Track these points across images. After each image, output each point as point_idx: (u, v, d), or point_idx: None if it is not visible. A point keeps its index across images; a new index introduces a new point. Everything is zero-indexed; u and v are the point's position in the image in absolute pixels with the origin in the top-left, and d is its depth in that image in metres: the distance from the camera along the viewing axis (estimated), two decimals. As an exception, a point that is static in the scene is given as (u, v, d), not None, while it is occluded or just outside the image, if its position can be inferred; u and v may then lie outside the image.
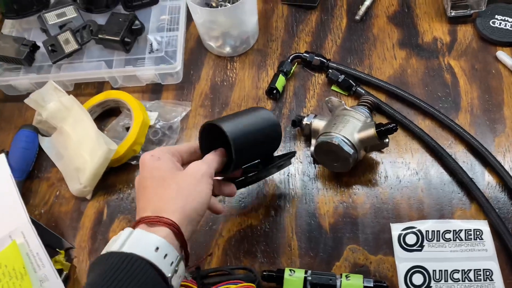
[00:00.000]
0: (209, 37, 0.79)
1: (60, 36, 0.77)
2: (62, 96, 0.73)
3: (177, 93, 0.79)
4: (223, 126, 0.51)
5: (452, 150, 0.68)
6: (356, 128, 0.63)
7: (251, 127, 0.54)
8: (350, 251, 0.62)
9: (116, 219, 0.68)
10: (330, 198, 0.66)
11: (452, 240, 0.61)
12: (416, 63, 0.76)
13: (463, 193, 0.65)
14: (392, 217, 0.64)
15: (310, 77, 0.78)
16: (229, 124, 0.52)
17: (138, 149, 0.71)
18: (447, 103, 0.72)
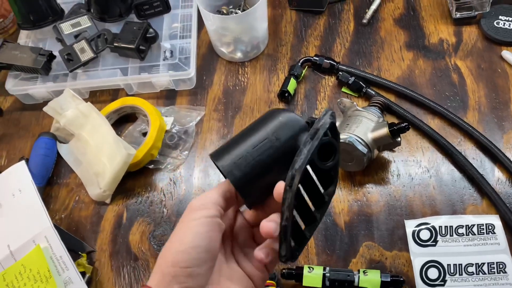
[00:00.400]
0: (220, 43, 0.81)
1: (75, 45, 0.79)
2: (80, 103, 0.75)
3: (190, 98, 0.80)
4: (219, 162, 0.40)
5: (462, 148, 0.69)
6: (369, 128, 0.65)
7: (266, 145, 0.39)
8: (366, 247, 0.64)
9: (136, 222, 0.70)
10: (344, 197, 0.68)
11: (465, 234, 0.62)
12: (423, 64, 0.78)
13: (474, 189, 0.66)
14: (405, 214, 0.65)
15: (320, 79, 0.80)
16: (230, 154, 0.40)
17: (155, 153, 0.73)
18: (455, 102, 0.74)
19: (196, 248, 0.38)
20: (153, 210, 0.70)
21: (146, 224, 0.69)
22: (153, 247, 0.67)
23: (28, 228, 0.66)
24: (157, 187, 0.72)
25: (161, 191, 0.72)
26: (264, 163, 0.39)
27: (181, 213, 0.68)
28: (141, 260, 0.66)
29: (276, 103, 0.78)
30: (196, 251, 0.38)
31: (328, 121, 0.39)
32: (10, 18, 0.92)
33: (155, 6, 0.82)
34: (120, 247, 0.68)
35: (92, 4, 0.82)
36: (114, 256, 0.67)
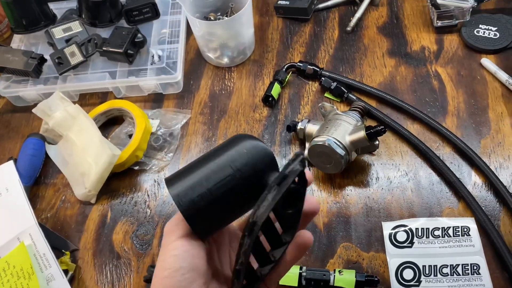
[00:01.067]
0: (208, 49, 0.83)
1: (66, 49, 0.82)
2: (68, 105, 0.77)
3: (177, 101, 0.82)
4: (171, 188, 0.37)
5: (440, 152, 0.71)
6: (347, 131, 0.66)
7: (225, 176, 0.36)
8: (343, 248, 0.65)
9: (119, 222, 0.71)
10: (324, 198, 0.69)
11: (440, 236, 0.64)
12: (405, 70, 0.80)
13: (451, 193, 0.67)
14: (383, 216, 0.67)
15: (304, 85, 0.81)
16: (184, 180, 0.37)
17: (140, 155, 0.75)
18: (435, 108, 0.76)
19: (178, 270, 0.37)
20: (136, 210, 0.72)
21: (129, 223, 0.71)
22: (135, 246, 0.69)
23: (13, 226, 0.68)
24: (142, 188, 0.74)
25: (145, 192, 0.73)
26: (219, 195, 0.36)
27: (164, 214, 0.71)
28: (123, 259, 0.67)
29: (260, 107, 0.80)
30: (180, 273, 0.37)
31: (298, 168, 0.36)
32: (5, 23, 0.95)
33: (144, 12, 0.84)
34: (104, 246, 0.69)
35: (83, 10, 0.84)
36: (97, 254, 0.68)
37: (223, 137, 0.77)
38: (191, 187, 0.36)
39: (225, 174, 0.36)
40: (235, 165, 0.36)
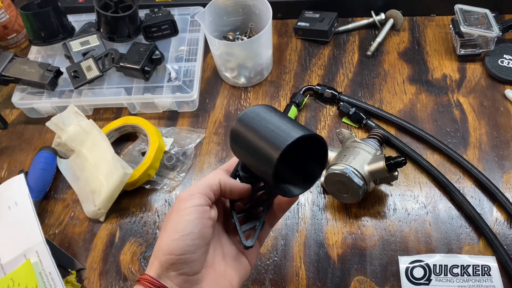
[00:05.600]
0: (225, 68, 0.82)
1: (83, 63, 0.81)
2: (82, 120, 0.76)
3: (192, 120, 0.81)
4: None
5: (460, 185, 0.69)
6: (366, 160, 0.64)
7: None
8: (357, 282, 0.62)
9: (128, 242, 0.69)
10: (339, 229, 0.67)
11: (459, 275, 0.61)
12: (425, 98, 0.78)
13: (471, 228, 0.65)
14: (400, 250, 0.64)
15: (321, 109, 0.80)
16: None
17: (152, 174, 0.73)
18: (455, 139, 0.74)
19: (189, 235, 0.41)
20: (146, 230, 0.70)
21: (138, 244, 0.69)
22: (143, 268, 0.67)
23: (20, 241, 0.66)
24: (152, 207, 0.72)
25: (156, 212, 0.72)
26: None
27: (174, 236, 0.69)
28: (130, 281, 0.66)
29: (276, 129, 0.78)
30: (190, 238, 0.41)
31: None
32: (23, 33, 0.95)
33: (163, 29, 0.84)
34: (110, 266, 0.68)
35: (102, 24, 0.84)
36: (103, 275, 0.67)
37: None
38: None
39: None
40: None
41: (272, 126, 0.42)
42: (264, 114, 0.44)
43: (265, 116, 0.43)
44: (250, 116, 0.44)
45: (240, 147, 0.44)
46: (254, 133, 0.42)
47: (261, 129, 0.42)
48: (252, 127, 0.43)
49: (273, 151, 0.40)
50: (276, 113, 0.44)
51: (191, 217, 0.41)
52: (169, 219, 0.43)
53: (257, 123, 0.43)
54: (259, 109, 0.45)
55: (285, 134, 0.40)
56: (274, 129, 0.41)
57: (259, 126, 0.42)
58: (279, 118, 0.43)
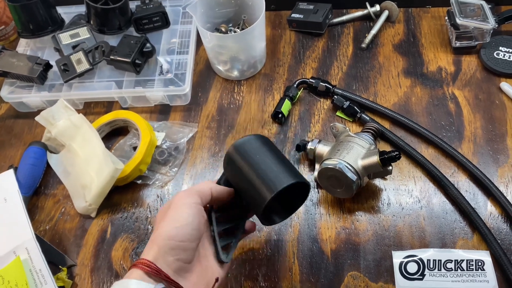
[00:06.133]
0: (217, 61, 0.81)
1: (72, 56, 0.80)
2: (72, 114, 0.75)
3: (184, 114, 0.80)
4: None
5: (455, 179, 0.68)
6: (359, 154, 0.63)
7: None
8: (351, 277, 0.62)
9: (119, 238, 0.69)
10: (332, 223, 0.66)
11: (453, 270, 0.61)
12: (420, 91, 0.78)
13: (465, 223, 0.65)
14: (393, 245, 0.64)
15: (315, 102, 0.79)
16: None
17: (144, 169, 0.72)
18: (450, 132, 0.73)
19: (189, 225, 0.46)
20: (138, 226, 0.69)
21: (129, 240, 0.68)
22: (135, 264, 0.66)
23: (10, 238, 0.66)
24: (144, 203, 0.71)
25: (147, 208, 0.71)
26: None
27: (166, 231, 0.68)
28: (121, 277, 0.65)
29: (269, 123, 0.77)
30: (190, 228, 0.46)
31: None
32: (12, 25, 0.93)
33: (154, 21, 0.82)
34: (102, 262, 0.67)
35: (92, 16, 0.82)
36: (95, 271, 0.66)
37: (230, 153, 0.75)
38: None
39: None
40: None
41: (268, 166, 0.49)
42: (261, 148, 0.51)
43: (262, 151, 0.51)
44: (248, 147, 0.51)
45: (234, 174, 0.51)
46: (250, 167, 0.49)
47: (257, 165, 0.49)
48: (249, 160, 0.50)
49: (266, 192, 0.47)
50: (271, 149, 0.52)
51: (191, 211, 0.47)
52: (168, 211, 0.47)
53: (255, 157, 0.50)
54: (255, 142, 0.52)
55: (279, 178, 0.48)
56: (269, 170, 0.49)
57: (256, 161, 0.50)
58: (274, 157, 0.50)
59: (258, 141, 0.52)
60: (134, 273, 0.44)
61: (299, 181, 0.49)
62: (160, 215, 0.49)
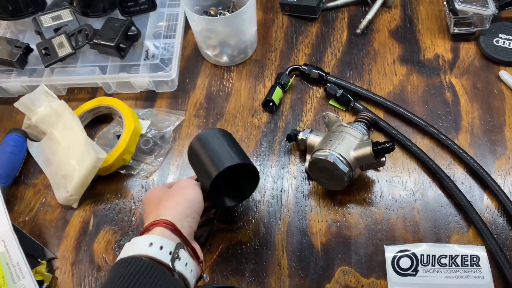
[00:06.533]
0: (206, 46, 0.78)
1: (54, 40, 0.76)
2: (53, 101, 0.71)
3: (171, 101, 0.77)
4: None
5: (451, 171, 0.66)
6: (352, 145, 0.61)
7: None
8: (341, 272, 0.60)
9: (102, 230, 0.66)
10: (323, 216, 0.64)
11: (447, 265, 0.59)
12: (416, 80, 0.75)
13: (461, 217, 0.62)
14: (386, 239, 0.62)
15: (308, 90, 0.76)
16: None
17: (128, 158, 0.69)
18: (447, 122, 0.70)
19: (200, 201, 0.53)
20: (121, 218, 0.67)
21: (112, 232, 0.66)
22: (118, 257, 0.64)
23: (-14, 230, 0.63)
24: (128, 194, 0.69)
25: (132, 199, 0.68)
26: None
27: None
28: (104, 271, 0.63)
29: (260, 112, 0.74)
30: (199, 202, 0.53)
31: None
32: (-9, 7, 0.88)
33: (140, 3, 0.79)
34: (84, 255, 0.64)
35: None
36: (76, 265, 0.64)
37: (218, 142, 0.72)
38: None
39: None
40: None
41: (220, 151, 0.55)
42: (216, 139, 0.56)
43: (216, 140, 0.56)
44: (205, 138, 0.57)
45: (195, 162, 0.57)
46: (205, 152, 0.55)
47: (211, 151, 0.55)
48: (204, 147, 0.56)
49: (213, 170, 0.53)
50: (227, 139, 0.57)
51: (199, 190, 0.54)
52: (177, 190, 0.53)
53: (210, 145, 0.56)
54: (215, 134, 0.57)
55: (226, 159, 0.53)
56: (219, 154, 0.54)
57: (209, 147, 0.55)
58: (228, 145, 0.56)
59: (217, 133, 0.58)
60: (157, 230, 0.48)
61: (243, 162, 0.54)
62: (155, 196, 0.54)
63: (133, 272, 0.42)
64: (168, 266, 0.45)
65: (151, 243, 0.46)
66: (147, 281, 0.42)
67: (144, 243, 0.46)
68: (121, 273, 0.42)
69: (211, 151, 0.55)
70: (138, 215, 0.67)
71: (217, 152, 0.55)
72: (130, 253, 0.45)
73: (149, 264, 0.43)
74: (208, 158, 0.54)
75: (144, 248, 0.45)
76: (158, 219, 0.49)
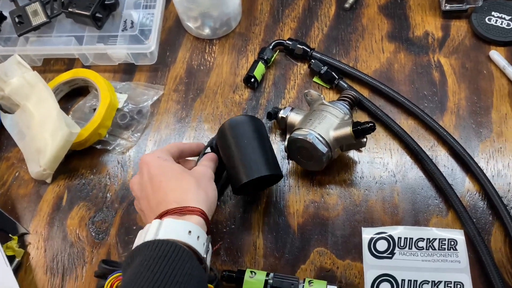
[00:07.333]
0: (187, 17, 0.75)
1: (28, 7, 0.73)
2: (26, 72, 0.68)
3: (150, 75, 0.74)
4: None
5: (433, 153, 0.64)
6: (332, 125, 0.59)
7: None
8: (317, 254, 0.59)
9: (76, 206, 0.65)
10: (301, 196, 0.63)
11: (424, 249, 0.58)
12: (404, 58, 0.72)
13: (441, 200, 0.61)
14: (364, 221, 0.61)
15: (291, 66, 0.73)
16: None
17: (103, 133, 0.67)
18: (432, 103, 0.68)
19: (216, 200, 0.53)
20: (95, 194, 0.65)
21: (86, 208, 0.64)
22: (91, 234, 0.63)
23: (-45, 204, 0.61)
24: (103, 169, 0.67)
25: (107, 174, 0.67)
26: None
27: (126, 199, 0.64)
28: (76, 248, 0.62)
29: (241, 88, 0.72)
30: (216, 203, 0.53)
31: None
32: (-35, -30, 0.84)
33: (119, -31, 0.75)
34: (57, 231, 0.63)
35: (50, -38, 0.75)
36: (49, 240, 0.62)
37: (198, 119, 0.70)
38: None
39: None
40: None
41: (252, 152, 0.56)
42: (251, 133, 0.57)
43: (252, 136, 0.57)
44: (241, 129, 0.57)
45: (223, 148, 0.57)
46: (237, 148, 0.56)
47: (243, 149, 0.56)
48: (237, 141, 0.56)
49: (243, 176, 0.54)
50: (261, 136, 0.58)
51: (216, 189, 0.53)
52: (202, 181, 0.51)
53: (243, 140, 0.56)
54: (249, 125, 0.58)
55: (258, 167, 0.55)
56: (252, 156, 0.55)
57: (243, 145, 0.56)
58: (260, 145, 0.57)
59: (251, 125, 0.58)
60: (195, 218, 0.47)
61: (274, 173, 0.56)
62: (176, 170, 0.51)
63: (175, 258, 0.41)
64: (200, 256, 0.45)
65: (190, 231, 0.45)
66: (184, 271, 0.41)
67: (183, 230, 0.45)
68: (162, 257, 0.41)
69: (244, 148, 0.56)
70: (114, 191, 0.65)
71: (250, 155, 0.55)
72: (169, 236, 0.44)
73: (188, 253, 0.43)
74: (239, 158, 0.55)
75: (183, 235, 0.45)
76: (191, 205, 0.47)
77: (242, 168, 0.54)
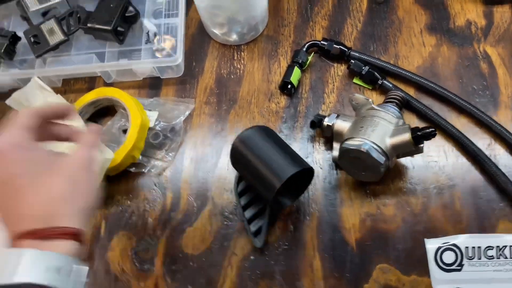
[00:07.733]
0: (212, 24, 0.70)
1: (43, 26, 0.68)
2: (49, 95, 0.64)
3: (178, 88, 0.70)
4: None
5: (492, 152, 0.60)
6: (387, 132, 0.55)
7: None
8: (380, 271, 0.55)
9: (115, 235, 0.61)
10: (355, 209, 0.59)
11: (495, 258, 0.54)
12: (447, 51, 0.68)
13: (506, 202, 0.57)
14: (426, 231, 0.57)
15: (328, 68, 0.69)
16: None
17: (137, 155, 0.63)
18: (484, 97, 0.64)
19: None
20: (135, 221, 0.61)
21: (127, 238, 0.60)
22: (136, 265, 0.59)
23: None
24: (140, 194, 0.63)
25: (145, 199, 0.63)
26: None
27: (168, 225, 0.60)
28: (122, 282, 0.58)
29: (277, 95, 0.68)
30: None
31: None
32: (-30, -10, 0.79)
33: (136, -22, 0.70)
34: (98, 265, 0.59)
35: (62, -24, 0.70)
36: (91, 276, 0.59)
37: (234, 131, 0.66)
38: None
39: None
40: None
41: (273, 157, 0.53)
42: (264, 141, 0.55)
43: (265, 143, 0.55)
44: (252, 141, 0.55)
45: (244, 167, 0.55)
46: (258, 159, 0.53)
47: (263, 159, 0.53)
48: (255, 152, 0.54)
49: (274, 183, 0.51)
50: (274, 140, 0.56)
51: (97, 178, 0.46)
52: (84, 175, 0.41)
53: (260, 150, 0.54)
54: (259, 134, 0.56)
55: (284, 169, 0.52)
56: (276, 159, 0.53)
57: (261, 155, 0.54)
58: (277, 148, 0.55)
59: (261, 133, 0.56)
60: (67, 246, 0.36)
61: (303, 168, 0.53)
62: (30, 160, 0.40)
63: None
64: None
65: (60, 268, 0.34)
66: None
67: (51, 268, 0.34)
68: None
69: (265, 157, 0.53)
70: (154, 217, 0.61)
71: (273, 160, 0.53)
72: (29, 278, 0.33)
73: None
74: (265, 167, 0.53)
75: (51, 276, 0.33)
76: (54, 224, 0.35)
77: (271, 175, 0.52)
